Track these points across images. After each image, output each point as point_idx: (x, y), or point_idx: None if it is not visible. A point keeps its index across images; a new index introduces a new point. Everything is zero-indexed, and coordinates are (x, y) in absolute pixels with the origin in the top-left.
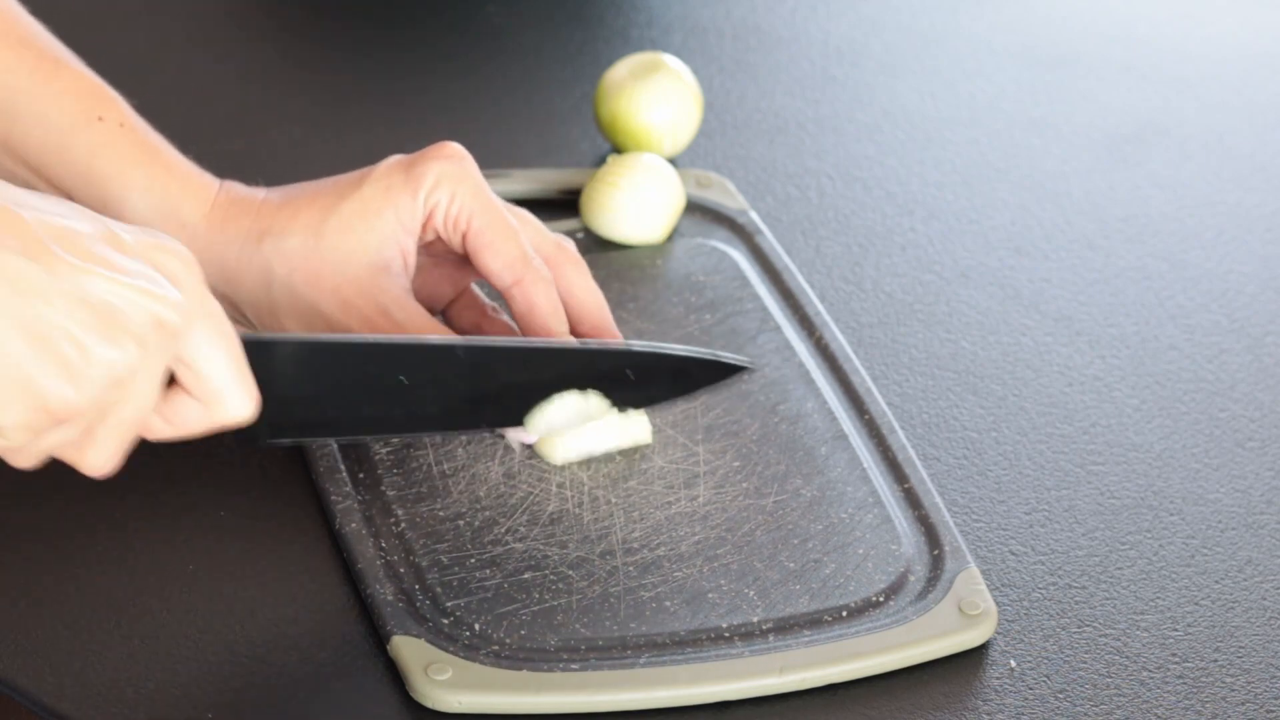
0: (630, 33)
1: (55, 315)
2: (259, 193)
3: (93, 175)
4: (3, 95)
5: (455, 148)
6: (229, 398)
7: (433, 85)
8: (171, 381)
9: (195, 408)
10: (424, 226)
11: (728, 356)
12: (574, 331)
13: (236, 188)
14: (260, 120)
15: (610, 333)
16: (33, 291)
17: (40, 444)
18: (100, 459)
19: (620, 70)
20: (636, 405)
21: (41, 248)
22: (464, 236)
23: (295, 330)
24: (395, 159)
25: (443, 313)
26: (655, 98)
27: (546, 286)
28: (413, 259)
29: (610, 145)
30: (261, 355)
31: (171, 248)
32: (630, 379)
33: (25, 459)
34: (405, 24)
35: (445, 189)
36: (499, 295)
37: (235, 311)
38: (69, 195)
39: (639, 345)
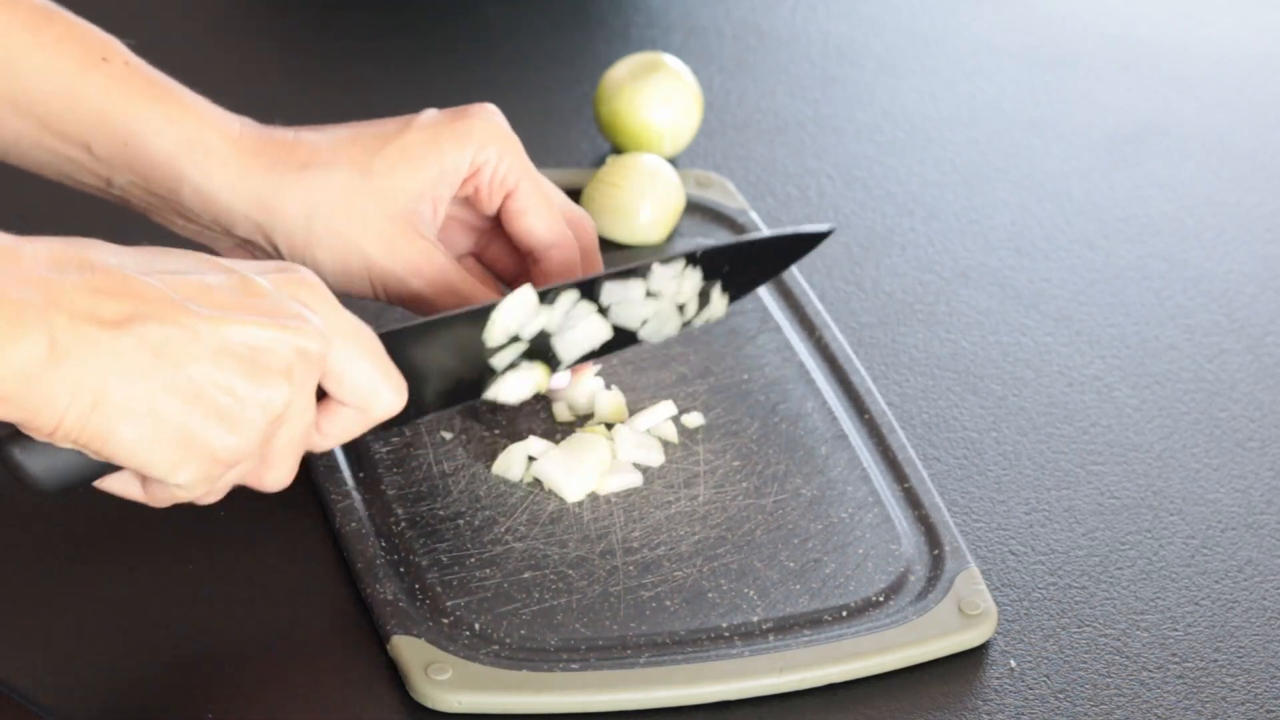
0: (630, 33)
1: (204, 371)
2: (286, 131)
3: (106, 117)
4: (0, 54)
5: (495, 109)
6: (380, 396)
7: (433, 85)
8: (322, 396)
9: (349, 414)
10: (465, 181)
11: (808, 227)
12: None
13: (257, 124)
14: (260, 120)
15: None
16: (178, 354)
17: (219, 486)
18: (276, 479)
19: (620, 70)
20: (740, 291)
21: (178, 309)
22: (507, 196)
23: (328, 265)
24: (435, 111)
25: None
26: (655, 98)
27: (574, 252)
28: (443, 210)
29: (610, 145)
30: (399, 344)
31: (299, 275)
32: (727, 271)
33: (209, 498)
34: (406, 24)
35: (494, 148)
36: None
37: (266, 242)
38: (86, 143)
39: (726, 241)
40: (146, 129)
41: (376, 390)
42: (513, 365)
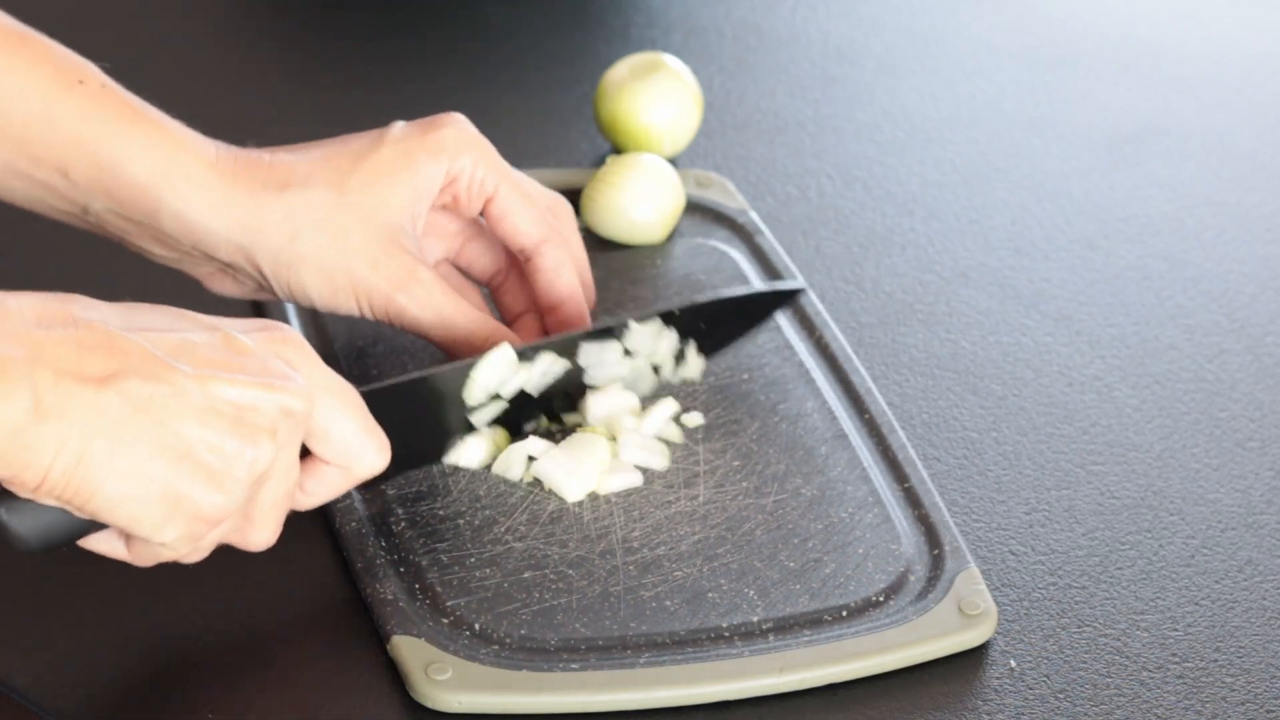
0: (630, 33)
1: (190, 429)
2: (262, 152)
3: (83, 140)
4: None
5: (462, 116)
6: (364, 455)
7: (433, 85)
8: (305, 454)
9: (334, 472)
10: (442, 190)
11: (780, 284)
12: None
13: (232, 147)
14: (260, 120)
15: (589, 287)
16: (164, 411)
17: (203, 544)
18: (261, 538)
19: (620, 70)
20: (714, 348)
21: (163, 366)
22: (488, 201)
23: (314, 284)
24: (404, 124)
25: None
26: (655, 98)
27: (564, 246)
28: (421, 223)
29: (610, 145)
30: (379, 402)
31: (283, 334)
32: (703, 329)
33: (194, 557)
34: (406, 24)
35: (468, 156)
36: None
37: (249, 264)
38: (61, 168)
39: (701, 298)
40: (124, 153)
41: (360, 449)
42: (473, 430)
